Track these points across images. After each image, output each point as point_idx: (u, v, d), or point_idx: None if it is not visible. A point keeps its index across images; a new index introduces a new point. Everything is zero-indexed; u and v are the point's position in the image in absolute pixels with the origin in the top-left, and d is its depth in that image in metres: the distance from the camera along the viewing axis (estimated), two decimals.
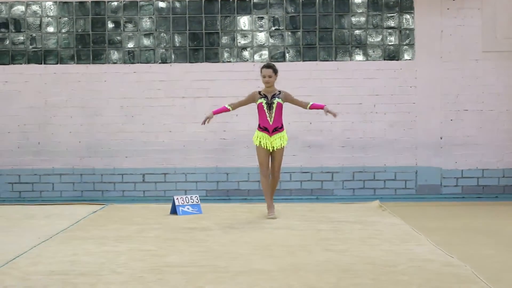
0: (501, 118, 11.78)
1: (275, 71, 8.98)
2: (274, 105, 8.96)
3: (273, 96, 8.99)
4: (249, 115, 10.44)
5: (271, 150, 9.06)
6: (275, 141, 9.02)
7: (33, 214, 9.74)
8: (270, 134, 9.02)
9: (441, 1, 11.73)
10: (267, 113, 8.99)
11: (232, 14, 11.77)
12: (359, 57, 11.85)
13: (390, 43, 11.85)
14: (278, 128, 9.04)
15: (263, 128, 9.05)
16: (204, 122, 9.24)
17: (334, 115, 9.12)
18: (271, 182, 9.26)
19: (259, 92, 9.07)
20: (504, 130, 11.76)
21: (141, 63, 11.86)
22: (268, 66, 9.06)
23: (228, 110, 9.15)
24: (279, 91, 9.05)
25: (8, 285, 5.51)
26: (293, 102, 9.16)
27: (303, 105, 9.15)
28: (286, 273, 5.79)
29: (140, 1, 11.82)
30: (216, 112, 9.17)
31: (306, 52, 11.82)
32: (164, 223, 8.98)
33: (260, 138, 9.06)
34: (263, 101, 8.97)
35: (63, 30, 11.85)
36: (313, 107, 9.15)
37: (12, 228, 8.07)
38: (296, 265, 5.87)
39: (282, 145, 9.10)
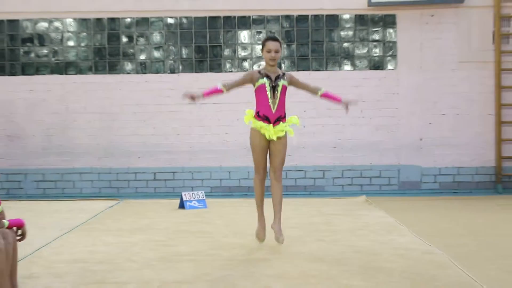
0: (474, 121, 11.80)
1: (281, 46, 6.70)
2: (279, 88, 6.58)
3: (278, 77, 6.61)
4: None
5: (270, 138, 6.59)
6: (278, 129, 6.60)
7: (56, 209, 9.73)
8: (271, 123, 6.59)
9: (420, 16, 11.77)
10: (269, 98, 6.56)
11: (233, 29, 11.82)
12: (348, 67, 11.88)
13: (375, 55, 11.89)
14: (281, 118, 6.63)
15: (263, 117, 6.57)
16: (190, 98, 6.54)
17: (350, 103, 6.80)
18: (274, 191, 6.66)
19: (259, 72, 6.65)
20: (478, 132, 11.78)
21: (152, 73, 11.88)
22: (275, 38, 6.64)
23: (221, 91, 6.63)
24: (283, 72, 6.72)
25: (34, 272, 5.56)
26: (299, 86, 6.87)
27: (312, 90, 6.88)
28: (282, 261, 5.83)
29: (150, 18, 11.84)
30: (207, 94, 6.59)
31: (300, 63, 11.85)
32: (173, 216, 8.98)
33: (256, 124, 6.62)
34: (265, 82, 6.54)
35: (82, 44, 11.89)
36: (326, 96, 6.83)
37: (38, 221, 8.02)
38: (291, 254, 5.90)
39: (285, 133, 6.67)
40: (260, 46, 6.72)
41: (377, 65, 11.91)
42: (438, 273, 5.47)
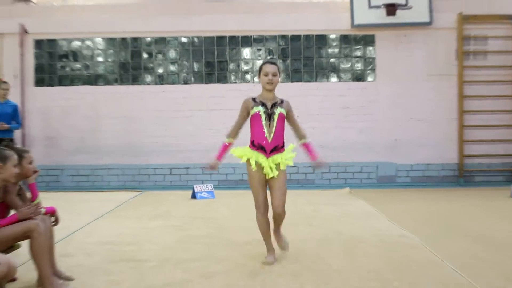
0: (440, 124, 11.82)
1: (279, 71, 5.28)
2: (276, 116, 5.12)
3: (275, 105, 5.18)
4: None
5: (268, 176, 5.11)
6: (274, 161, 5.12)
7: (88, 198, 9.77)
8: (267, 155, 5.12)
9: (395, 37, 11.79)
10: (265, 127, 5.10)
11: (237, 46, 11.82)
12: (334, 79, 11.87)
13: (357, 69, 11.88)
14: (278, 148, 5.15)
15: (257, 146, 5.13)
16: (211, 168, 5.32)
17: (321, 166, 5.44)
18: (274, 218, 5.21)
19: (253, 99, 5.22)
20: (443, 133, 11.80)
21: (168, 84, 11.88)
22: (272, 62, 5.30)
23: (230, 144, 5.36)
24: (281, 100, 5.26)
25: (69, 251, 5.61)
26: (290, 122, 5.37)
27: (298, 134, 5.46)
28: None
29: (167, 37, 11.86)
30: (220, 157, 5.33)
31: (294, 75, 11.83)
32: (186, 205, 8.99)
33: (249, 156, 5.15)
34: (260, 109, 5.12)
35: (109, 60, 11.91)
36: (306, 147, 5.44)
37: (72, 210, 8.10)
38: (286, 236, 5.99)
39: (284, 165, 5.17)
40: (258, 70, 5.31)
41: (359, 77, 11.91)
42: (410, 253, 5.51)
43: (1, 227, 4.22)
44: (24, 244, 4.47)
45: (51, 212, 4.69)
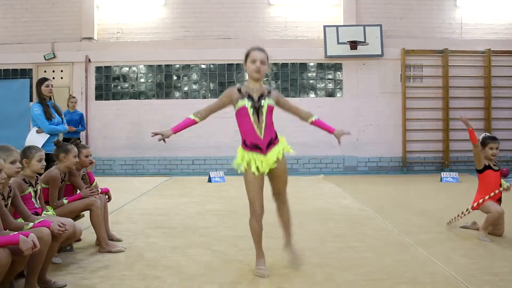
0: (390, 129, 11.79)
1: (268, 60, 3.62)
2: (264, 110, 3.51)
3: (262, 96, 3.54)
4: None
5: (267, 170, 3.58)
6: (273, 157, 3.55)
7: (132, 181, 9.81)
8: (264, 152, 3.54)
9: (357, 65, 11.73)
10: (254, 123, 3.50)
11: (241, 71, 11.73)
12: (312, 95, 11.84)
13: (329, 87, 11.85)
14: (273, 140, 3.59)
15: (250, 146, 3.54)
16: (159, 139, 3.80)
17: (344, 134, 3.94)
18: (281, 214, 3.80)
19: (239, 90, 3.58)
20: (392, 135, 11.76)
21: (191, 98, 11.83)
22: (260, 49, 3.64)
23: (195, 122, 3.77)
24: (268, 90, 3.63)
25: (119, 220, 5.63)
26: (288, 108, 3.77)
27: (303, 115, 3.86)
28: (272, 216, 5.83)
29: (191, 64, 11.83)
30: (176, 130, 3.75)
31: (283, 92, 11.42)
32: (204, 187, 9.00)
33: (247, 160, 3.57)
34: (247, 103, 3.50)
35: (149, 80, 11.88)
36: (318, 124, 3.88)
37: (122, 189, 8.11)
38: (273, 211, 6.01)
39: (282, 154, 3.62)
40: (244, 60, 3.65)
41: (331, 94, 11.88)
42: (368, 222, 5.54)
43: (70, 202, 4.25)
44: (86, 215, 4.48)
45: (106, 192, 4.71)
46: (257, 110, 3.51)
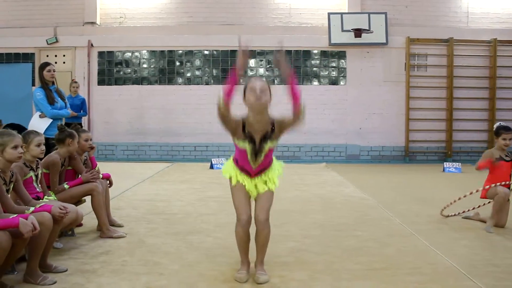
0: (393, 118, 11.71)
1: (270, 90, 3.18)
2: (264, 152, 3.21)
3: (265, 138, 3.18)
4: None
5: (252, 195, 3.31)
6: (260, 184, 3.30)
7: (134, 167, 9.83)
8: (251, 176, 3.29)
9: (361, 53, 11.63)
10: (251, 161, 3.23)
11: None
12: (316, 83, 11.77)
13: (333, 75, 11.77)
14: (265, 167, 3.30)
15: (241, 168, 3.29)
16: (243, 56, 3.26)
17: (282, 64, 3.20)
18: (258, 235, 3.26)
19: (243, 127, 3.19)
20: (395, 124, 11.69)
21: (194, 84, 11.77)
22: (258, 78, 3.35)
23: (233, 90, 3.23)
24: (272, 125, 3.19)
25: (120, 206, 5.64)
26: (288, 123, 3.22)
27: (294, 113, 3.16)
28: (275, 202, 5.86)
29: (194, 50, 11.76)
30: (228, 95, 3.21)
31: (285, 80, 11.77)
32: (205, 173, 9.00)
33: (236, 176, 3.30)
34: (247, 147, 3.19)
35: (151, 66, 11.81)
36: (291, 85, 3.05)
37: (123, 175, 8.09)
38: (280, 199, 5.96)
39: (271, 186, 3.32)
40: (260, 74, 3.38)
41: (334, 82, 11.80)
42: (370, 211, 5.52)
43: (71, 187, 4.24)
44: (88, 200, 4.47)
45: (107, 177, 4.70)
46: (256, 153, 3.20)
